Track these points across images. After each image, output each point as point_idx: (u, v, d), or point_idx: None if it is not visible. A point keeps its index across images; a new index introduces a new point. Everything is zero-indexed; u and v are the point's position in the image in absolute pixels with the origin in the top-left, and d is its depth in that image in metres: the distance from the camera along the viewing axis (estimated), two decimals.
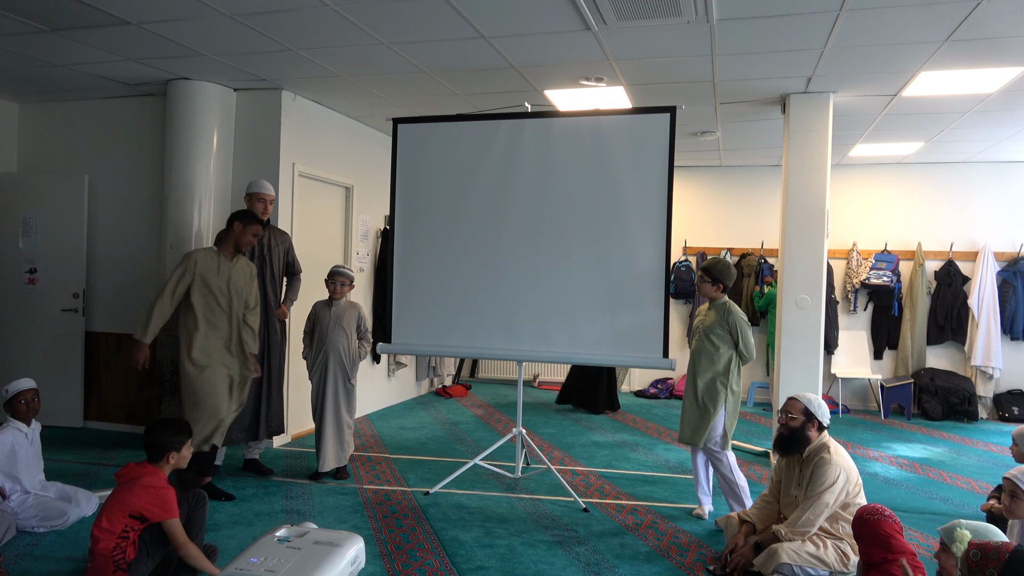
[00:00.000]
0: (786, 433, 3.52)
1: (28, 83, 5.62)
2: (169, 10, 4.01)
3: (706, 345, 4.22)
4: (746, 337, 4.15)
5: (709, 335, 4.21)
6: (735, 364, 4.19)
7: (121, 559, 2.91)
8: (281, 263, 5.01)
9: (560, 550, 3.70)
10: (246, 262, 4.50)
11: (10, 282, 6.11)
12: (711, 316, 4.26)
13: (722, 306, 4.24)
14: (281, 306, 4.99)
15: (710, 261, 4.32)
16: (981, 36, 4.07)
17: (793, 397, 3.59)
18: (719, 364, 4.17)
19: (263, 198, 4.85)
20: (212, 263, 4.30)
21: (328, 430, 4.75)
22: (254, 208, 4.81)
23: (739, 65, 4.71)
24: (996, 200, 7.82)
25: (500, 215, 4.63)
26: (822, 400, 3.57)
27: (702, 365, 4.22)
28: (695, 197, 8.64)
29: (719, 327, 4.19)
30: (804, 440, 3.47)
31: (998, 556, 2.11)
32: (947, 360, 7.95)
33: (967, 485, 5.11)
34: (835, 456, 3.37)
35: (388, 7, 3.88)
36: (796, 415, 3.49)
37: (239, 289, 4.36)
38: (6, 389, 3.91)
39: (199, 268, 4.25)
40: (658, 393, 8.40)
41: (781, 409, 3.60)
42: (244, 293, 4.38)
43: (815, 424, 3.47)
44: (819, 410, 3.49)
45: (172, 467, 3.15)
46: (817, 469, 3.35)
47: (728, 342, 4.18)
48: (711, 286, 4.25)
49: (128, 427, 5.95)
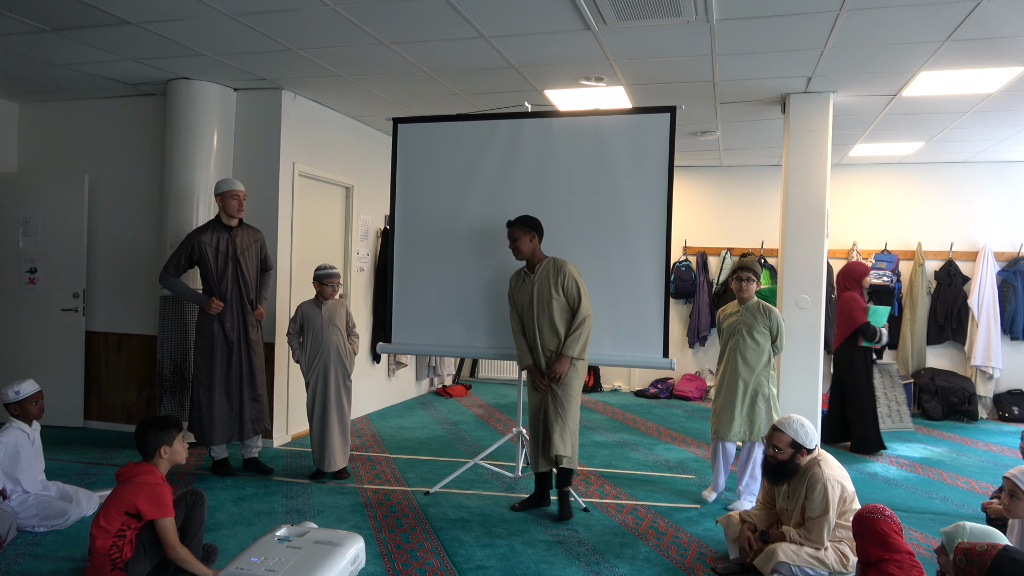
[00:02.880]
0: (775, 464, 3.44)
1: (28, 83, 5.62)
2: (169, 10, 4.01)
3: (749, 343, 4.43)
4: (783, 334, 4.49)
5: (752, 333, 4.42)
6: (772, 358, 4.47)
7: (118, 557, 2.91)
8: (256, 262, 4.95)
9: (560, 550, 3.71)
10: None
11: (10, 282, 6.11)
12: (749, 316, 4.46)
13: (758, 305, 4.47)
14: (258, 306, 4.95)
15: (748, 260, 4.58)
16: (981, 36, 4.07)
17: (777, 428, 3.45)
18: (763, 359, 4.42)
19: (236, 195, 4.80)
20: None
21: (334, 430, 4.75)
22: (228, 206, 4.78)
23: (739, 65, 4.71)
24: (996, 200, 7.82)
25: (500, 214, 4.62)
26: (805, 421, 3.44)
27: (749, 361, 4.42)
28: (695, 197, 8.64)
29: (761, 325, 4.42)
30: (794, 470, 3.41)
31: (981, 562, 2.10)
32: (947, 360, 7.95)
33: (967, 485, 5.11)
34: (826, 469, 3.32)
35: (388, 7, 3.89)
36: (783, 448, 3.40)
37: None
38: (15, 391, 3.91)
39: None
40: (658, 393, 8.40)
41: (767, 440, 3.51)
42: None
43: (804, 453, 3.40)
44: (805, 437, 3.38)
45: (168, 462, 3.13)
46: (812, 487, 3.30)
47: (768, 339, 4.43)
48: (756, 283, 4.51)
49: (128, 427, 5.95)
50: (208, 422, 4.71)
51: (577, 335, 4.09)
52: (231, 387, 4.79)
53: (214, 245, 4.74)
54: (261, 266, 5.03)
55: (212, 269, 4.73)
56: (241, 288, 4.82)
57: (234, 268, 4.79)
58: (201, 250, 4.71)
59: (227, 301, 4.77)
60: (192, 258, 4.74)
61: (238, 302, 4.82)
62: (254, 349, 4.89)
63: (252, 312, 4.88)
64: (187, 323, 5.35)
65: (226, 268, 4.76)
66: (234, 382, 4.80)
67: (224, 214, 4.81)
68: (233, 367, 4.79)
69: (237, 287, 4.81)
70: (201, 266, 4.76)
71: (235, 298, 4.80)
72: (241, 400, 4.82)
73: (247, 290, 4.85)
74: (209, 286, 4.78)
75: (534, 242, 4.19)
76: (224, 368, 4.77)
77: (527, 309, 4.19)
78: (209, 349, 4.74)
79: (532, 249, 4.19)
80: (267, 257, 5.09)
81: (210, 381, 4.73)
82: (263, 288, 5.05)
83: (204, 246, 4.71)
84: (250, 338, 4.86)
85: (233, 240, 4.80)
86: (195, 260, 4.75)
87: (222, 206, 4.80)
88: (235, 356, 4.80)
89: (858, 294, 6.00)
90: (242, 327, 4.83)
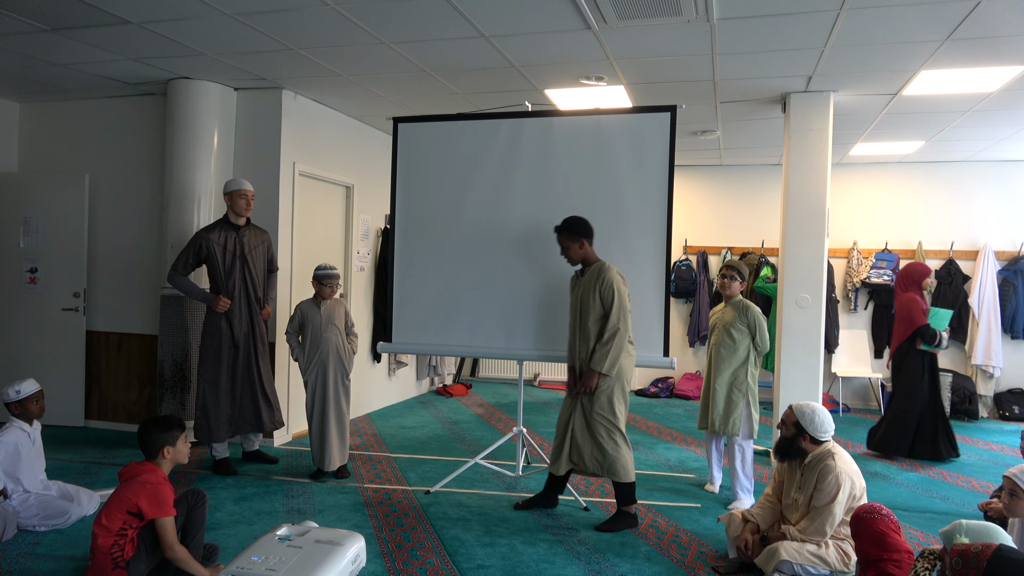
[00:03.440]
0: (780, 439, 3.56)
1: (29, 83, 5.62)
2: (170, 10, 4.01)
3: (726, 339, 4.53)
4: (763, 330, 4.50)
5: (730, 330, 4.53)
6: (752, 355, 4.52)
7: (119, 556, 2.91)
8: (263, 262, 5.01)
9: (561, 549, 3.71)
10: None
11: (11, 282, 6.12)
12: (729, 313, 4.57)
13: (740, 303, 4.57)
14: (266, 306, 5.01)
15: (734, 261, 4.75)
16: (981, 35, 4.07)
17: (792, 407, 3.54)
18: (739, 355, 4.50)
19: (244, 194, 4.83)
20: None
21: (332, 429, 4.76)
22: (236, 206, 4.82)
23: (739, 64, 4.71)
24: (997, 199, 7.82)
25: (501, 214, 4.63)
26: (820, 412, 3.44)
27: (724, 357, 4.53)
28: (695, 196, 8.64)
29: (739, 322, 4.51)
30: (797, 451, 3.46)
31: (977, 563, 2.09)
32: (948, 359, 7.94)
33: (967, 484, 5.11)
34: (840, 463, 3.33)
35: (389, 6, 3.89)
36: (789, 426, 3.49)
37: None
38: (16, 390, 3.91)
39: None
40: (658, 392, 8.40)
41: (783, 415, 3.60)
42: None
43: (807, 438, 3.43)
44: (811, 424, 3.41)
45: (171, 462, 3.13)
46: (823, 478, 3.32)
47: (747, 335, 4.51)
48: (739, 283, 4.60)
49: (129, 426, 5.95)
50: (214, 419, 4.75)
51: (606, 349, 3.92)
52: (236, 385, 4.84)
53: (222, 244, 4.78)
54: (267, 267, 5.06)
55: (219, 267, 4.77)
56: (248, 287, 4.87)
57: (241, 267, 4.83)
58: (209, 248, 4.75)
59: (234, 299, 4.81)
60: (200, 256, 4.78)
61: (245, 301, 4.86)
62: (261, 348, 4.92)
63: (260, 311, 4.93)
64: (187, 322, 5.36)
65: (233, 266, 4.80)
66: (239, 380, 4.84)
67: (232, 213, 4.86)
68: (240, 365, 4.84)
69: (244, 286, 4.85)
70: (209, 264, 4.80)
71: (242, 296, 4.84)
72: (244, 398, 4.86)
73: (254, 289, 4.90)
74: (216, 284, 4.82)
75: (584, 247, 4.08)
76: (230, 366, 4.81)
77: (572, 311, 4.18)
78: (216, 347, 4.78)
79: (583, 254, 4.09)
80: (273, 258, 5.13)
81: (216, 379, 4.76)
82: (269, 288, 5.10)
83: (212, 244, 4.76)
84: (257, 336, 4.90)
85: (241, 239, 4.84)
86: (203, 258, 4.79)
87: (230, 205, 4.84)
88: (242, 354, 4.84)
89: (918, 295, 5.72)
90: (249, 326, 4.87)
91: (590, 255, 4.12)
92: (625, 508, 4.05)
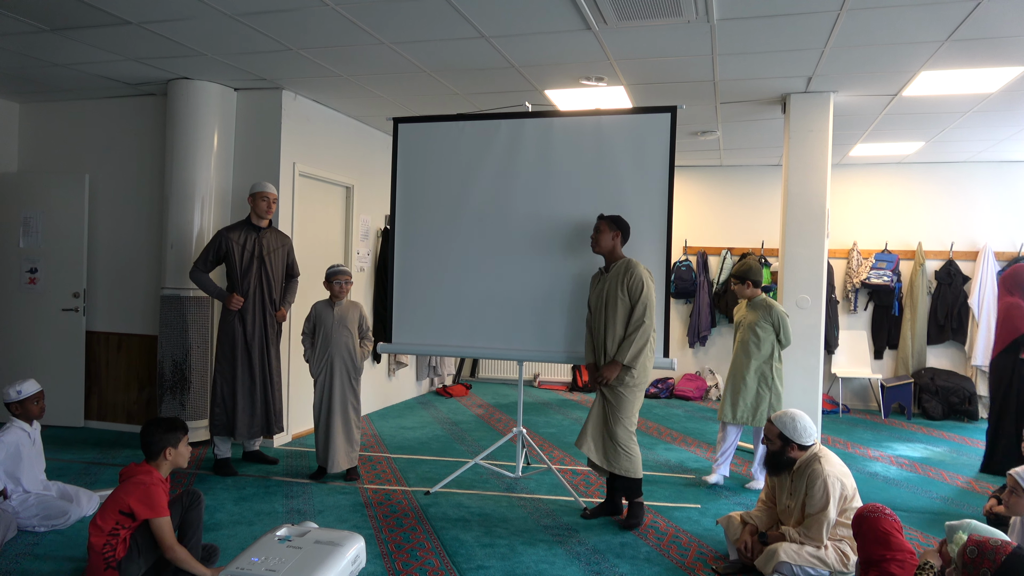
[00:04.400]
0: (768, 455, 3.52)
1: (29, 83, 5.62)
2: (170, 10, 4.01)
3: (751, 336, 4.84)
4: (787, 327, 4.83)
5: (755, 328, 4.83)
6: (777, 350, 4.84)
7: (111, 556, 2.91)
8: (282, 265, 5.06)
9: (560, 549, 3.71)
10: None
11: (11, 282, 6.11)
12: (752, 312, 4.89)
13: (763, 302, 4.87)
14: (280, 308, 5.05)
15: (737, 268, 4.98)
16: (981, 36, 4.07)
17: (770, 420, 3.52)
18: (764, 351, 4.82)
19: (267, 196, 4.92)
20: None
21: (337, 431, 4.75)
22: (258, 207, 4.91)
23: (739, 65, 4.71)
24: (996, 200, 7.82)
25: (501, 214, 4.63)
26: (800, 418, 3.44)
27: (751, 353, 4.84)
28: (695, 197, 8.64)
29: (764, 320, 4.82)
30: (787, 463, 3.44)
31: (995, 557, 2.09)
32: (947, 360, 7.95)
33: (967, 485, 5.11)
34: (827, 467, 3.32)
35: (389, 6, 3.89)
36: (773, 440, 3.46)
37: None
38: (17, 390, 3.91)
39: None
40: (658, 393, 8.40)
41: (765, 430, 3.57)
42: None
43: (793, 447, 3.42)
44: (794, 432, 3.39)
45: (171, 464, 3.14)
46: (812, 484, 3.31)
47: (771, 333, 4.82)
48: (745, 287, 4.89)
49: (128, 427, 5.95)
50: (232, 415, 4.81)
51: (630, 341, 3.95)
52: (253, 385, 4.89)
53: (241, 243, 4.84)
54: (287, 272, 5.10)
55: (237, 266, 4.83)
56: (264, 288, 4.90)
57: (259, 267, 4.87)
58: (228, 246, 4.81)
59: (249, 299, 4.85)
60: (219, 254, 4.84)
61: (260, 302, 4.90)
62: (273, 350, 4.97)
63: (275, 313, 4.96)
64: (187, 323, 5.37)
65: (251, 266, 4.85)
66: (253, 379, 4.88)
67: (254, 214, 4.94)
68: (255, 364, 4.88)
69: (260, 286, 4.89)
70: (227, 262, 4.86)
71: (257, 297, 4.88)
72: (257, 397, 4.90)
73: (270, 290, 4.94)
74: (233, 283, 4.86)
75: (616, 241, 4.12)
76: (245, 365, 4.85)
77: (596, 307, 4.16)
78: (230, 345, 4.83)
79: (612, 247, 4.12)
80: (293, 263, 5.17)
81: (233, 375, 4.82)
82: (288, 292, 5.14)
83: (231, 242, 4.82)
84: (269, 338, 4.94)
85: (260, 240, 4.90)
86: (222, 256, 4.85)
87: (252, 206, 4.93)
88: (256, 355, 4.87)
89: (1021, 300, 5.22)
90: (262, 327, 4.91)
91: (617, 251, 4.15)
92: (637, 500, 4.13)
